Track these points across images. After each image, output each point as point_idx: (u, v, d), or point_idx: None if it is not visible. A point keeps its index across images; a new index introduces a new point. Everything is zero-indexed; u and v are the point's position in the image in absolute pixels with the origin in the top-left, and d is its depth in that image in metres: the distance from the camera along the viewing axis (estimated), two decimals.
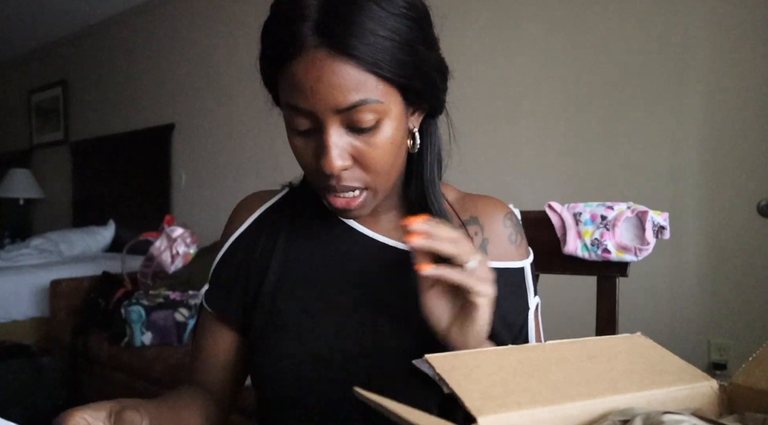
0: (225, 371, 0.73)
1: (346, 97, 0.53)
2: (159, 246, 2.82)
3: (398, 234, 0.69)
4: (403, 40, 0.54)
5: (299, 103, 0.54)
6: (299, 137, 0.58)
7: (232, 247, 0.73)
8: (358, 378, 0.61)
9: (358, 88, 0.53)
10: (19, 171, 4.64)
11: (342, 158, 0.56)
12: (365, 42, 0.52)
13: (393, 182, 0.63)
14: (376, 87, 0.54)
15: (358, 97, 0.53)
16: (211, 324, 0.74)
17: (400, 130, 0.59)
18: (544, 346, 0.44)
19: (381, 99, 0.55)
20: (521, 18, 2.17)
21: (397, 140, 0.58)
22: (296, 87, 0.54)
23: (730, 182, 1.73)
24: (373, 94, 0.54)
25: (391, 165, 0.60)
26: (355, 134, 0.56)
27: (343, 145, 0.56)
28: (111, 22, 4.12)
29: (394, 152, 0.59)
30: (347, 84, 0.52)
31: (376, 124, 0.56)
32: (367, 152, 0.56)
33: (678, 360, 0.44)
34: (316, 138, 0.57)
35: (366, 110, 0.54)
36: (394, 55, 0.54)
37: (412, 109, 0.62)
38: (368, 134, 0.56)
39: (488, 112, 2.23)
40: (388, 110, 0.56)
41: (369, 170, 0.58)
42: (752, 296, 1.70)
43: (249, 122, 3.15)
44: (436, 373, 0.39)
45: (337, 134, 0.55)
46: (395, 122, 0.57)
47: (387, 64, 0.53)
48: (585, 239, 0.96)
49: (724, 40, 1.75)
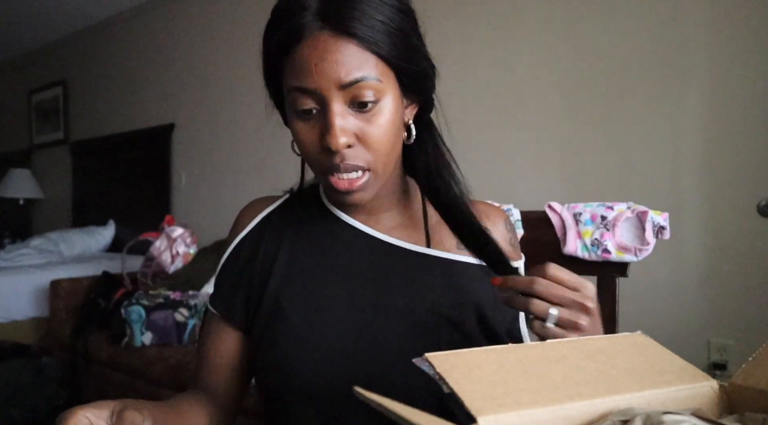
0: (230, 373, 0.73)
1: (349, 73, 0.56)
2: (159, 246, 2.82)
3: (399, 233, 0.71)
4: (398, 28, 0.59)
5: (304, 82, 0.57)
6: (303, 122, 0.61)
7: (236, 250, 0.74)
8: (360, 376, 0.61)
9: (359, 66, 0.57)
10: (19, 171, 4.64)
11: (345, 135, 0.58)
12: (365, 24, 0.56)
13: (391, 168, 0.65)
14: (376, 66, 0.58)
15: (360, 74, 0.57)
16: (217, 326, 0.75)
17: (397, 113, 0.62)
18: (544, 345, 0.44)
19: (380, 78, 0.58)
20: (521, 18, 2.17)
21: (395, 122, 0.62)
22: (301, 67, 0.57)
23: (730, 182, 1.73)
24: (373, 72, 0.58)
25: (392, 146, 0.62)
26: (356, 112, 0.59)
27: (346, 123, 0.59)
28: (111, 22, 4.12)
29: (394, 132, 0.62)
30: (350, 61, 0.56)
31: (376, 102, 0.59)
32: (368, 130, 0.60)
33: (678, 360, 0.44)
34: (320, 119, 0.60)
35: (366, 87, 0.57)
36: (391, 39, 0.58)
37: (407, 101, 0.65)
38: (369, 113, 0.59)
39: (488, 112, 2.23)
40: (386, 90, 0.60)
41: (370, 149, 0.60)
42: (752, 296, 1.70)
43: (249, 122, 3.15)
44: (436, 372, 0.39)
45: (340, 111, 0.58)
46: (393, 103, 0.61)
47: (385, 45, 0.58)
48: (585, 239, 0.96)
49: (724, 40, 1.75)
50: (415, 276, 0.68)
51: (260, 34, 0.61)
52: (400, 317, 0.65)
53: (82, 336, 2.55)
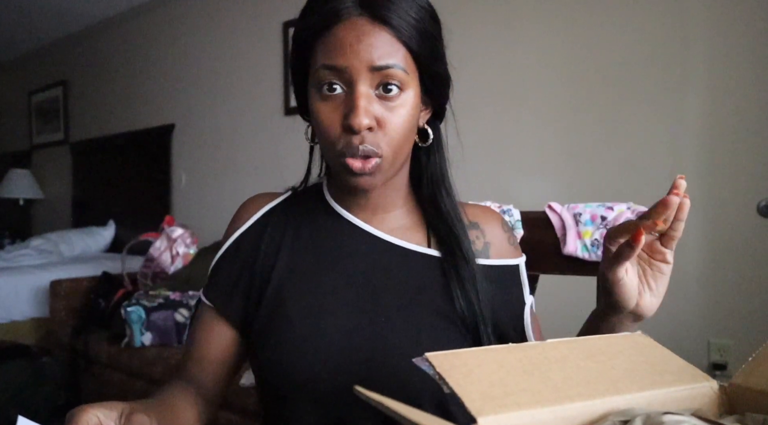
0: (218, 366, 0.73)
1: (381, 57, 0.60)
2: (159, 247, 2.82)
3: (401, 234, 0.71)
4: (428, 30, 0.63)
5: (337, 60, 0.60)
6: (326, 103, 0.62)
7: (234, 244, 0.74)
8: (360, 376, 0.62)
9: (391, 54, 0.60)
10: (19, 171, 4.64)
11: (368, 117, 0.60)
12: (401, 17, 0.60)
13: (401, 162, 0.66)
14: (405, 58, 0.61)
15: (392, 60, 0.60)
16: (209, 318, 0.74)
17: (416, 109, 0.65)
18: (544, 345, 0.44)
19: (407, 70, 0.61)
20: (521, 18, 2.17)
21: (414, 116, 0.64)
22: (336, 46, 0.60)
23: (730, 182, 1.73)
24: (402, 63, 0.61)
25: (405, 139, 0.64)
26: (380, 99, 0.61)
27: (370, 106, 0.61)
28: (111, 22, 4.12)
29: (410, 126, 0.64)
30: (383, 46, 0.60)
31: (400, 93, 0.62)
32: (388, 118, 0.62)
33: (678, 360, 0.44)
34: (344, 100, 0.61)
35: (394, 75, 0.60)
36: (422, 37, 0.62)
37: (422, 105, 0.68)
38: (391, 102, 0.62)
39: (488, 112, 2.23)
40: (410, 83, 0.62)
41: (387, 136, 0.62)
42: (752, 296, 1.70)
43: (249, 122, 3.15)
44: (436, 372, 0.39)
45: (366, 94, 0.60)
46: (414, 99, 0.63)
47: (416, 41, 0.61)
48: (585, 239, 0.96)
49: (724, 40, 1.75)
50: (417, 277, 0.68)
51: (260, 35, 0.62)
52: (401, 317, 0.65)
53: (82, 336, 2.55)
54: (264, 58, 3.03)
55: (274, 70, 2.99)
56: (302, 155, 0.75)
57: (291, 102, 2.86)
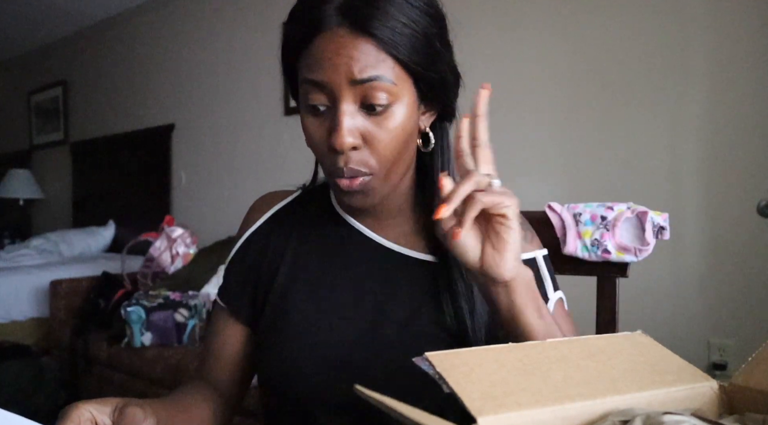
0: (234, 366, 0.73)
1: (363, 70, 0.55)
2: (159, 246, 2.82)
3: (405, 241, 0.70)
4: (422, 32, 0.57)
5: (317, 75, 0.56)
6: (313, 117, 0.59)
7: (245, 244, 0.74)
8: (361, 379, 0.61)
9: (374, 65, 0.55)
10: (19, 171, 4.64)
11: (352, 135, 0.57)
12: (386, 24, 0.54)
13: (399, 176, 0.63)
14: (392, 69, 0.56)
15: (374, 73, 0.55)
16: (224, 319, 0.75)
17: (410, 120, 0.60)
18: (544, 344, 0.44)
19: (395, 81, 0.56)
20: (521, 19, 2.17)
21: (407, 128, 0.60)
22: (316, 60, 0.56)
23: (730, 182, 1.73)
24: (388, 74, 0.56)
25: (399, 154, 0.60)
26: (366, 114, 0.57)
27: (354, 123, 0.57)
28: (111, 22, 4.12)
29: (403, 140, 0.60)
30: (365, 59, 0.55)
31: (388, 106, 0.57)
32: (377, 134, 0.58)
33: (678, 360, 0.44)
34: (329, 117, 0.58)
35: (379, 88, 0.56)
36: (412, 43, 0.56)
37: (424, 107, 0.63)
38: (379, 116, 0.57)
39: (488, 112, 2.23)
40: (400, 95, 0.58)
41: (376, 152, 0.58)
42: (752, 296, 1.70)
43: (249, 122, 3.15)
44: (436, 372, 0.39)
45: (349, 110, 0.56)
46: (407, 109, 0.59)
47: (404, 48, 0.56)
48: (585, 239, 0.96)
49: (724, 40, 1.75)
50: (419, 287, 0.67)
51: (260, 34, 0.62)
52: (402, 326, 0.65)
53: (82, 336, 2.55)
54: (264, 58, 3.02)
55: (274, 70, 2.97)
56: (302, 155, 0.75)
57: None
